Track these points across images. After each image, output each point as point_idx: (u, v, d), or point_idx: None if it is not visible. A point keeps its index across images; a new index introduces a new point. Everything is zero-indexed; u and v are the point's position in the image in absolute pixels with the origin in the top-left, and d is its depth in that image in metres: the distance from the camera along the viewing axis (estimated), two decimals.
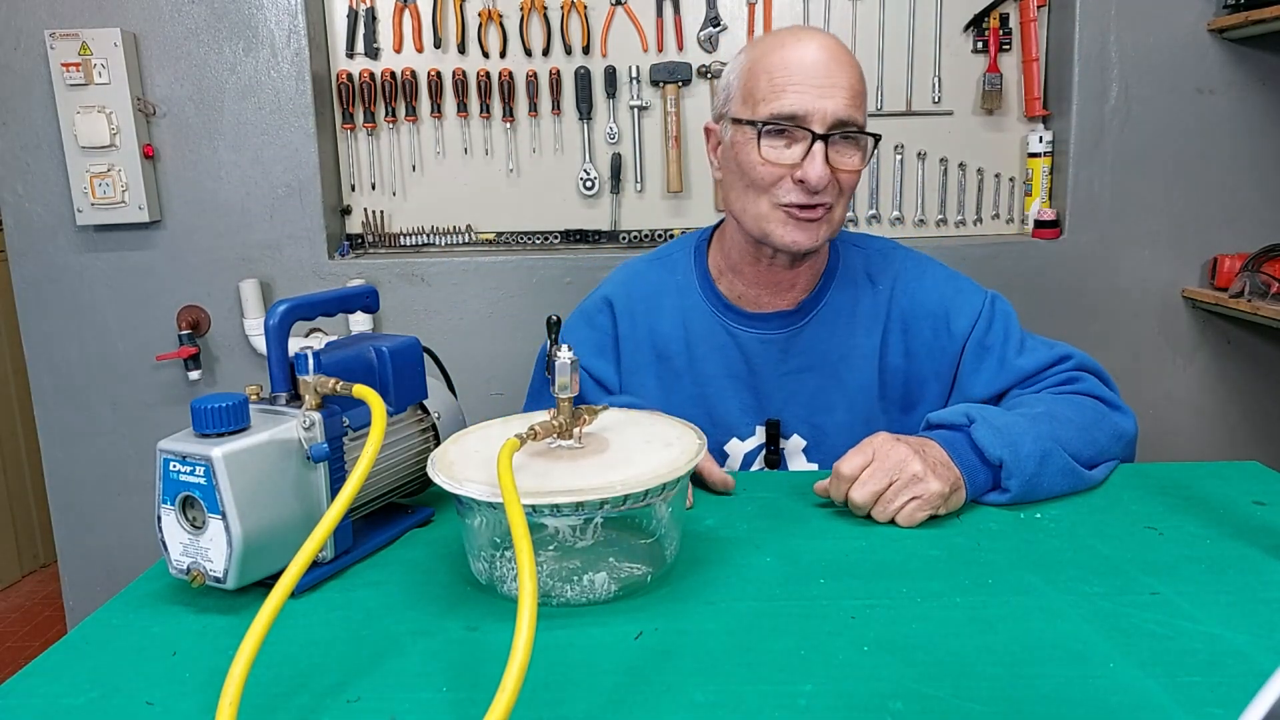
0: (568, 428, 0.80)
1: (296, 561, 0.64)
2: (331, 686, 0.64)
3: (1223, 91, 1.98)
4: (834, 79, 0.99)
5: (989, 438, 0.91)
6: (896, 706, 0.60)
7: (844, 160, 1.01)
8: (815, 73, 0.98)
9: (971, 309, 1.11)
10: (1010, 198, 2.13)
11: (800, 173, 0.99)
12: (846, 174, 1.01)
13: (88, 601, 2.17)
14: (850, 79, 1.00)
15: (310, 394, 0.78)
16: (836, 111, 0.98)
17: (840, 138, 1.00)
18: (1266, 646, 0.66)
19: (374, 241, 2.16)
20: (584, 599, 0.75)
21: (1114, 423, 1.03)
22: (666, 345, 1.14)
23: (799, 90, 0.98)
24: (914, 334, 1.12)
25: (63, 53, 1.90)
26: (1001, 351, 1.09)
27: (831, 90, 0.98)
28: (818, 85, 0.98)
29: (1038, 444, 0.91)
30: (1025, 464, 0.90)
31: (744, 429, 1.13)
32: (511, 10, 2.05)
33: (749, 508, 0.95)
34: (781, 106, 0.99)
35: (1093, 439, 0.98)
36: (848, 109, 0.99)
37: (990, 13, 2.04)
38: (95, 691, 0.65)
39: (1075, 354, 1.09)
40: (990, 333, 1.10)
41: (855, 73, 1.01)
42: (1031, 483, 0.91)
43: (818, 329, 1.12)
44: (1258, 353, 2.09)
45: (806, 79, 0.98)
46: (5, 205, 2.03)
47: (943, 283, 1.14)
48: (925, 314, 1.12)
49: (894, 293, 1.12)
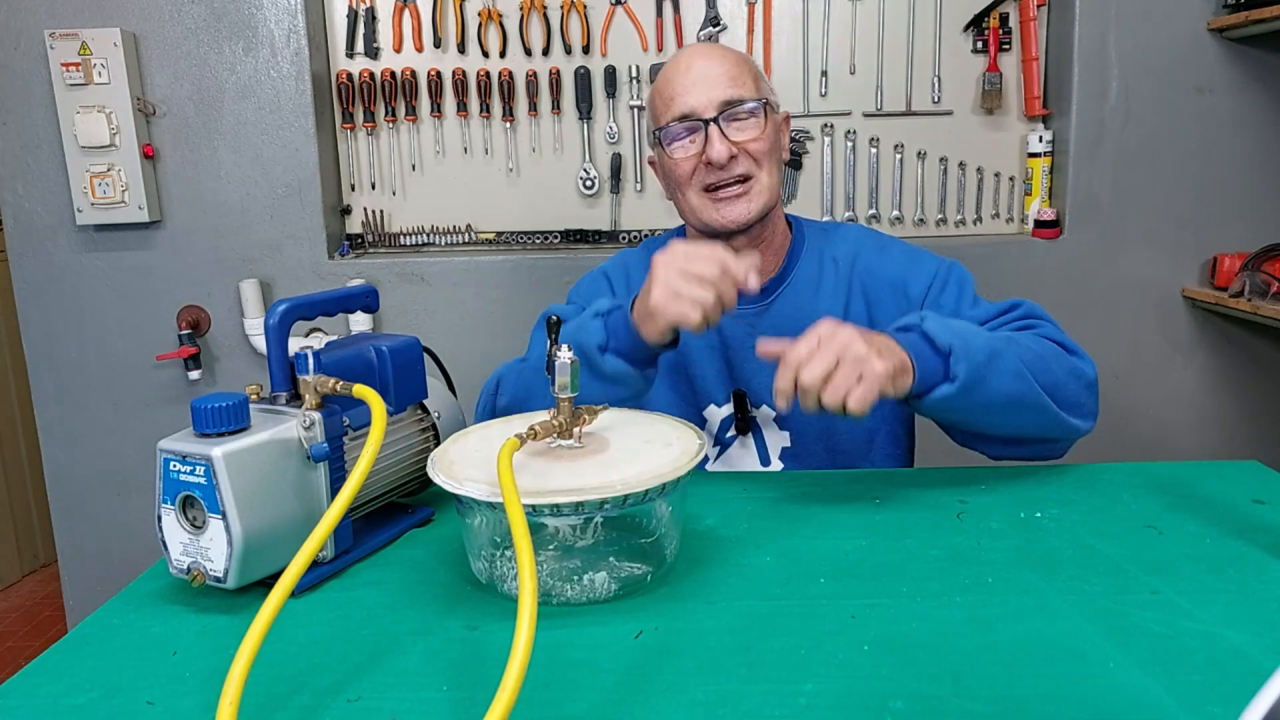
0: (568, 428, 0.80)
1: (296, 561, 0.64)
2: (331, 686, 0.64)
3: (1223, 91, 1.98)
4: (709, 72, 1.11)
5: (938, 328, 0.95)
6: (896, 706, 0.60)
7: (742, 134, 1.11)
8: (691, 75, 1.11)
9: (927, 273, 1.17)
10: (1010, 197, 2.13)
11: (705, 155, 1.10)
12: (752, 143, 1.11)
13: (88, 601, 2.17)
14: (725, 67, 1.11)
15: (310, 394, 0.78)
16: (718, 96, 1.10)
17: (732, 116, 1.10)
18: (1266, 646, 0.66)
19: (374, 241, 2.16)
20: (584, 598, 0.75)
21: (1071, 363, 1.03)
22: None
23: (682, 93, 1.11)
24: (875, 303, 1.18)
25: (63, 52, 1.90)
26: (955, 307, 1.14)
27: (709, 81, 1.10)
28: (696, 83, 1.11)
29: (988, 343, 0.95)
30: (974, 355, 0.93)
31: (719, 397, 1.20)
32: (511, 10, 2.05)
33: (749, 508, 0.95)
34: (672, 111, 1.12)
35: (1048, 368, 0.99)
36: (727, 89, 1.10)
37: (990, 12, 2.04)
38: (95, 691, 0.65)
39: (1023, 302, 1.13)
40: (944, 293, 1.16)
41: (730, 61, 1.12)
42: (980, 373, 0.93)
43: (783, 305, 1.18)
44: (1258, 353, 2.09)
45: (686, 82, 1.11)
46: (5, 205, 2.03)
47: (901, 255, 1.21)
48: (885, 284, 1.18)
49: (855, 266, 1.19)
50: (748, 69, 1.13)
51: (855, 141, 2.10)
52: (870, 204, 2.12)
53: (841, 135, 2.09)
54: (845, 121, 2.09)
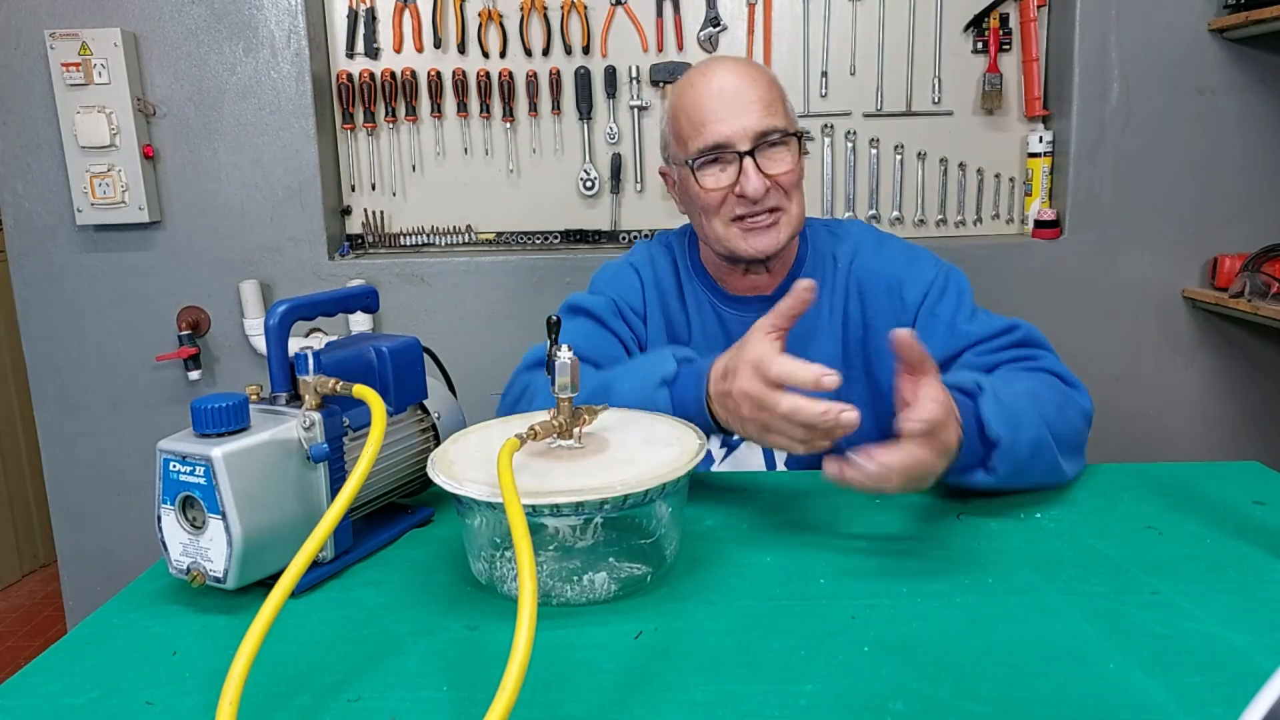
0: (568, 428, 0.80)
1: (296, 561, 0.64)
2: (331, 686, 0.64)
3: (1223, 91, 1.98)
4: (743, 98, 1.08)
5: (993, 413, 0.88)
6: (896, 706, 0.60)
7: (775, 165, 1.10)
8: (724, 99, 1.08)
9: (924, 279, 1.16)
10: (1010, 198, 2.13)
11: (739, 189, 1.09)
12: (783, 175, 1.10)
13: (88, 601, 2.17)
14: (759, 92, 1.09)
15: (310, 394, 0.78)
16: (754, 126, 1.08)
17: (766, 146, 1.09)
18: (1266, 646, 0.66)
19: (374, 242, 2.16)
20: (584, 599, 0.75)
21: (1078, 402, 1.02)
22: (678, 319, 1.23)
23: (715, 120, 1.08)
24: (870, 303, 1.17)
25: (63, 53, 1.90)
26: (952, 319, 1.13)
27: (743, 109, 1.08)
28: (730, 109, 1.08)
29: (1035, 430, 0.90)
30: (1020, 450, 0.89)
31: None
32: (511, 10, 2.05)
33: (749, 508, 0.95)
34: (705, 140, 1.09)
35: (1068, 419, 0.98)
36: (763, 119, 1.08)
37: (990, 13, 2.04)
38: (95, 691, 0.65)
39: (1021, 324, 1.12)
40: (941, 301, 1.14)
41: (763, 84, 1.10)
42: (1016, 472, 0.90)
43: None
44: (1258, 353, 2.08)
45: (719, 107, 1.08)
46: (5, 205, 2.03)
47: (898, 254, 1.20)
48: (881, 284, 1.17)
49: (853, 265, 1.19)
50: (778, 93, 1.11)
51: (855, 142, 2.10)
52: (870, 205, 2.12)
53: (842, 136, 2.09)
54: (845, 122, 2.09)
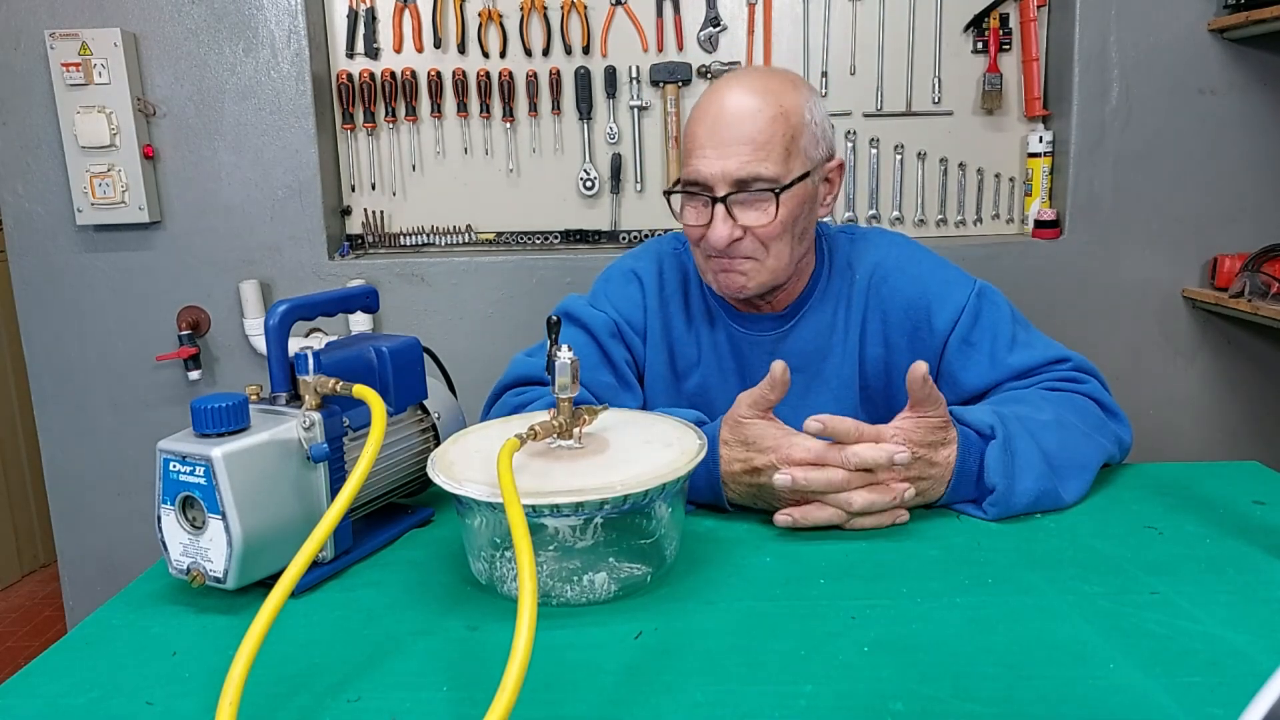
0: (568, 428, 0.80)
1: (296, 561, 0.64)
2: (331, 686, 0.64)
3: (1223, 92, 1.98)
4: (734, 136, 0.99)
5: (997, 462, 0.88)
6: (896, 707, 0.59)
7: (752, 217, 1.01)
8: (716, 134, 1.00)
9: (955, 304, 1.08)
10: (1010, 198, 2.13)
11: (706, 235, 1.02)
12: (759, 229, 1.01)
13: (88, 601, 2.17)
14: (752, 132, 0.99)
15: (310, 394, 0.78)
16: (733, 172, 0.99)
17: (745, 195, 1.00)
18: (1266, 646, 0.66)
19: (374, 242, 2.16)
20: (584, 599, 0.75)
21: (1115, 431, 1.02)
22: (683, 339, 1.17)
23: (701, 154, 1.00)
24: (892, 323, 1.10)
25: (63, 53, 1.90)
26: (991, 348, 1.07)
27: (729, 150, 0.99)
28: (716, 146, 0.99)
29: (1037, 483, 0.89)
30: (1016, 501, 0.89)
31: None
32: (511, 10, 2.05)
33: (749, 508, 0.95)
34: (689, 171, 1.02)
35: (1099, 444, 0.98)
36: (746, 166, 0.98)
37: (990, 13, 2.04)
38: (95, 691, 0.65)
39: (1074, 357, 1.08)
40: (975, 329, 1.08)
41: (763, 120, 0.99)
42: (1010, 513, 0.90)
43: (803, 330, 1.13)
44: (1258, 353, 2.08)
45: (709, 141, 1.00)
46: (5, 205, 2.03)
47: (926, 273, 1.11)
48: (905, 303, 1.10)
49: (872, 279, 1.12)
50: (780, 130, 0.99)
51: (855, 142, 2.10)
52: (870, 205, 2.12)
53: (842, 136, 2.09)
54: (845, 122, 2.09)
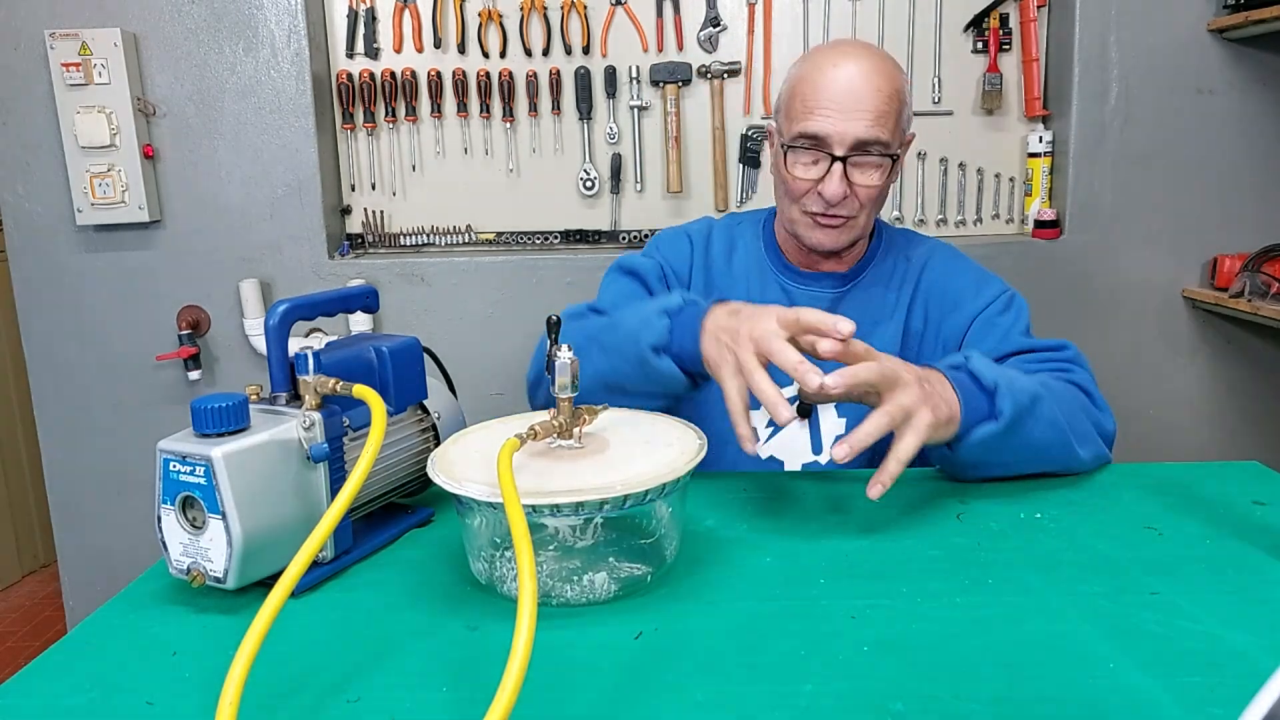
0: (568, 428, 0.80)
1: (296, 561, 0.64)
2: (331, 686, 0.64)
3: (1223, 91, 1.98)
4: (859, 104, 1.07)
5: (984, 367, 0.95)
6: (896, 706, 0.59)
7: (863, 177, 1.10)
8: (840, 98, 1.07)
9: (989, 294, 1.19)
10: (1010, 198, 2.13)
11: (820, 188, 1.10)
12: (865, 189, 1.11)
13: (88, 601, 2.18)
14: (876, 102, 1.07)
15: (310, 394, 0.78)
16: (856, 134, 1.07)
17: (861, 157, 1.09)
18: (1266, 646, 0.66)
19: (374, 241, 2.16)
20: (584, 599, 0.75)
21: (1096, 416, 1.05)
22: (729, 290, 1.23)
23: (824, 114, 1.07)
24: (934, 305, 1.20)
25: (63, 53, 1.90)
26: (1008, 330, 1.16)
27: (854, 114, 1.07)
28: (841, 110, 1.07)
29: (1031, 385, 0.96)
30: (1019, 395, 0.93)
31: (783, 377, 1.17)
32: (511, 10, 2.05)
33: (749, 508, 0.95)
34: (806, 128, 1.09)
35: (1078, 421, 1.00)
36: (868, 130, 1.07)
37: (990, 13, 2.04)
38: (95, 691, 0.65)
39: (1071, 347, 1.15)
40: (1002, 315, 1.17)
41: (883, 94, 1.08)
42: (1022, 413, 0.92)
43: (860, 293, 1.21)
44: (1258, 353, 2.09)
45: (832, 103, 1.07)
46: (5, 205, 2.03)
47: (969, 273, 1.23)
48: (948, 291, 1.20)
49: (926, 265, 1.22)
50: (894, 104, 1.09)
51: None
52: None
53: None
54: None
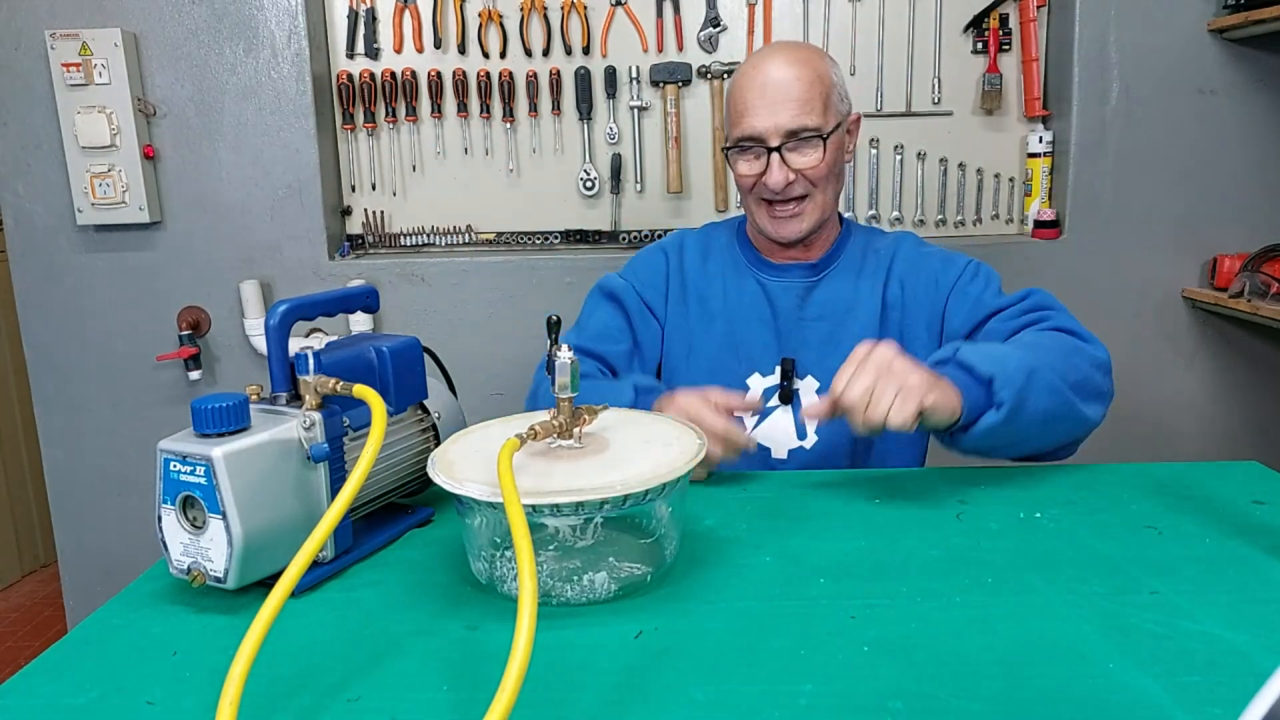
0: (568, 428, 0.80)
1: (296, 561, 0.64)
2: (331, 686, 0.64)
3: (1223, 92, 1.98)
4: (783, 95, 1.15)
5: (975, 357, 0.98)
6: (896, 706, 0.60)
7: (802, 160, 1.17)
8: (763, 95, 1.15)
9: (957, 267, 1.25)
10: (1010, 198, 2.13)
11: (765, 180, 1.18)
12: (810, 170, 1.17)
13: (88, 601, 2.17)
14: (797, 90, 1.15)
15: (310, 394, 0.78)
16: (784, 124, 1.15)
17: (795, 143, 1.16)
18: (1266, 646, 0.66)
19: (374, 242, 2.16)
20: (584, 599, 0.75)
21: (1089, 351, 1.08)
22: (706, 290, 1.30)
23: (752, 113, 1.16)
24: (909, 289, 1.25)
25: (63, 53, 1.90)
26: (979, 295, 1.22)
27: (778, 106, 1.15)
28: (767, 105, 1.15)
29: (1023, 360, 0.98)
30: (1014, 377, 0.96)
31: (765, 366, 1.26)
32: (511, 10, 2.05)
33: (749, 508, 0.95)
34: (740, 131, 1.18)
35: (1074, 364, 1.04)
36: (795, 119, 1.15)
37: (990, 13, 2.04)
38: (95, 691, 0.65)
39: (1034, 291, 1.20)
40: (973, 282, 1.23)
41: (804, 82, 1.15)
42: (1022, 395, 0.95)
43: (831, 282, 1.26)
44: (1258, 353, 2.08)
45: (757, 102, 1.16)
46: (5, 205, 2.03)
47: (936, 255, 1.28)
48: (920, 272, 1.25)
49: (896, 254, 1.27)
50: (817, 90, 1.15)
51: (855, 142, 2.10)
52: (870, 204, 2.12)
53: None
54: None
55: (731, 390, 1.05)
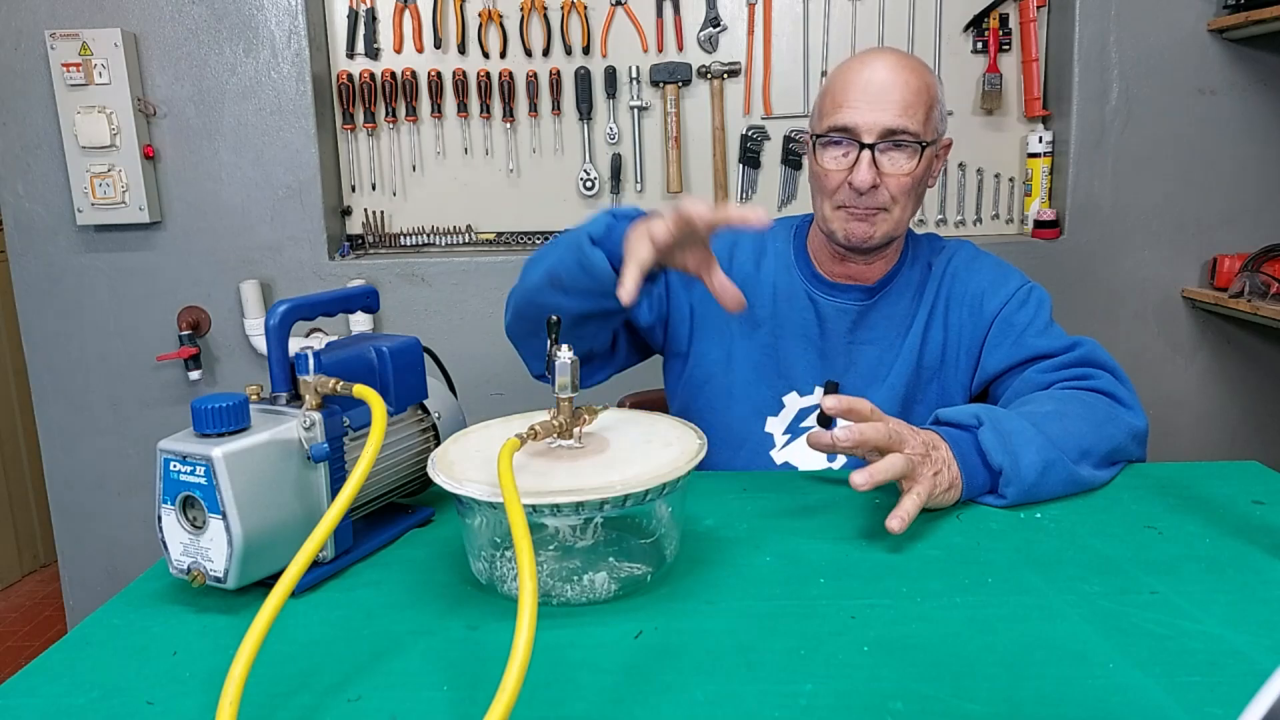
0: (568, 428, 0.80)
1: (296, 561, 0.64)
2: (332, 686, 0.64)
3: (1223, 92, 1.98)
4: (886, 95, 1.10)
5: (993, 442, 0.92)
6: (896, 706, 0.60)
7: (892, 166, 1.11)
8: (868, 90, 1.10)
9: (1006, 291, 1.19)
10: (1010, 198, 2.13)
11: (850, 177, 1.11)
12: (896, 179, 1.11)
13: (88, 601, 2.18)
14: (903, 94, 1.10)
15: (310, 394, 0.78)
16: (883, 122, 1.09)
17: (890, 146, 1.10)
18: (1266, 646, 0.66)
19: (374, 242, 2.16)
20: (584, 599, 0.75)
21: (1126, 420, 1.04)
22: (754, 294, 1.24)
23: (852, 106, 1.10)
24: (953, 311, 1.21)
25: (63, 53, 1.90)
26: (1023, 330, 1.16)
27: (880, 104, 1.09)
28: (869, 101, 1.10)
29: (1041, 454, 0.93)
30: (1025, 473, 0.91)
31: (805, 386, 1.22)
32: (511, 10, 2.05)
33: (749, 508, 0.95)
34: (836, 120, 1.11)
35: (1107, 435, 1.00)
36: (895, 119, 1.09)
37: (990, 13, 2.04)
38: (95, 691, 0.65)
39: (1087, 342, 1.14)
40: (1019, 313, 1.18)
41: (911, 88, 1.10)
42: (1030, 492, 0.92)
43: (885, 307, 1.21)
44: (1258, 353, 2.09)
45: (860, 96, 1.10)
46: (5, 205, 2.03)
47: (990, 269, 1.23)
48: (967, 294, 1.21)
49: (945, 273, 1.22)
50: (923, 98, 1.11)
51: None
52: None
53: None
54: None
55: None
